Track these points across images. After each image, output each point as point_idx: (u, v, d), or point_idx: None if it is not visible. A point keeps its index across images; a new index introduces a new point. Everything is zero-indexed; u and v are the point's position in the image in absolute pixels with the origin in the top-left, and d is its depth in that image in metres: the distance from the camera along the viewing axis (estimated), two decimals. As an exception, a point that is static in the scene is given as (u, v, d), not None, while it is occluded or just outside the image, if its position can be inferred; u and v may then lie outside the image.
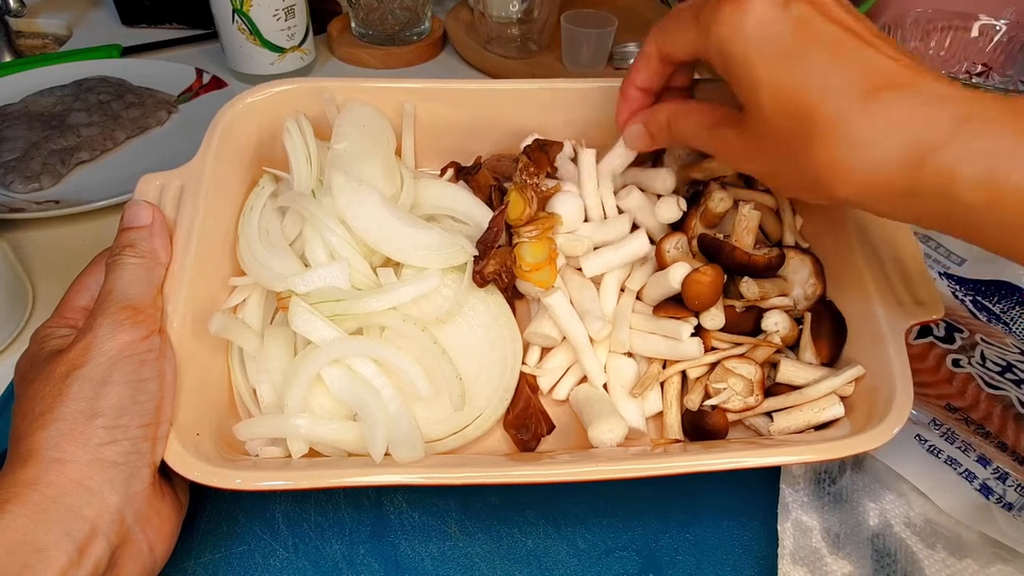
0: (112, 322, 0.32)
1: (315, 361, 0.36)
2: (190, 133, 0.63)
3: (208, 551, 0.37)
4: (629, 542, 0.38)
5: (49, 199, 0.57)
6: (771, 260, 0.41)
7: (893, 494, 0.39)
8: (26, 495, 0.28)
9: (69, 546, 0.27)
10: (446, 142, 0.50)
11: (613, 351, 0.42)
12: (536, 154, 0.45)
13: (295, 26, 0.70)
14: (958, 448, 0.39)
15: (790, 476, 0.39)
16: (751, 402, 0.39)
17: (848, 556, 0.37)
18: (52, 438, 0.29)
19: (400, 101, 0.48)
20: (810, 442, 0.36)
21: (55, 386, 0.30)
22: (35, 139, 0.60)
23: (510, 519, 0.39)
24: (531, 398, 0.41)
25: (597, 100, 0.47)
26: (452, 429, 0.39)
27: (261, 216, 0.42)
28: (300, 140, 0.42)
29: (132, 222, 0.36)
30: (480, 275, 0.40)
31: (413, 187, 0.46)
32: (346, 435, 0.36)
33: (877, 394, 0.36)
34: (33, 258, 0.53)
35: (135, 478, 0.30)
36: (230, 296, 0.41)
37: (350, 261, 0.39)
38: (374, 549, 0.37)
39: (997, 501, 0.37)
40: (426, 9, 0.80)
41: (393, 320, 0.38)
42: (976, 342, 0.44)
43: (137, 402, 0.31)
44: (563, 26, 0.73)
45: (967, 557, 0.36)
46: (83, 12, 0.87)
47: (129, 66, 0.73)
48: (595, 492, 0.40)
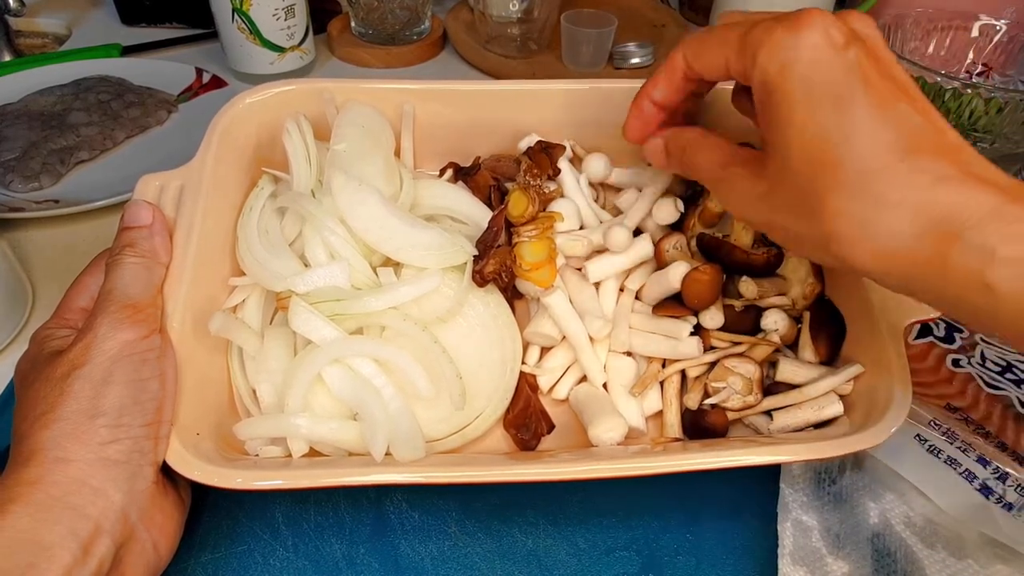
0: (112, 321, 0.32)
1: (315, 361, 0.36)
2: (190, 132, 0.63)
3: (208, 551, 0.37)
4: (629, 542, 0.38)
5: (49, 198, 0.57)
6: (770, 259, 0.41)
7: (893, 494, 0.39)
8: (29, 494, 0.28)
9: (73, 544, 0.27)
10: (445, 143, 0.50)
11: (613, 350, 0.42)
12: (538, 156, 0.45)
13: (295, 25, 0.70)
14: (958, 448, 0.39)
15: (790, 476, 0.39)
16: (750, 401, 0.39)
17: (848, 556, 0.37)
18: (54, 438, 0.29)
19: (399, 102, 0.48)
20: (809, 440, 0.36)
21: (56, 386, 0.30)
22: (35, 138, 0.60)
23: (510, 519, 0.39)
24: (531, 397, 0.41)
25: (596, 101, 0.47)
26: (452, 428, 0.39)
27: (260, 216, 0.42)
28: (300, 140, 0.42)
29: (132, 222, 0.36)
30: (480, 275, 0.40)
31: (412, 187, 0.46)
32: (346, 434, 0.36)
33: (876, 392, 0.36)
34: (32, 258, 0.53)
35: (138, 477, 0.30)
36: (230, 296, 0.41)
37: (350, 261, 0.39)
38: (374, 549, 0.37)
39: (997, 501, 0.37)
40: (426, 9, 0.80)
41: (393, 320, 0.38)
42: (976, 342, 0.44)
43: (139, 401, 0.31)
44: (563, 26, 0.73)
45: (967, 557, 0.36)
46: (83, 11, 0.87)
47: (129, 65, 0.73)
48: (595, 492, 0.40)
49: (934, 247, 0.26)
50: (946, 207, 0.25)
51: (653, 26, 0.86)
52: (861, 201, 0.27)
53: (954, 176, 0.26)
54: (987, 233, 0.25)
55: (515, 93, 0.48)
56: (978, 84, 0.64)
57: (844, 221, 0.27)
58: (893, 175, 0.26)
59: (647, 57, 0.76)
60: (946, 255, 0.26)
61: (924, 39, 0.75)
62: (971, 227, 0.25)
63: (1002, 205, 0.25)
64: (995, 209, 0.25)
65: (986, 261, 0.25)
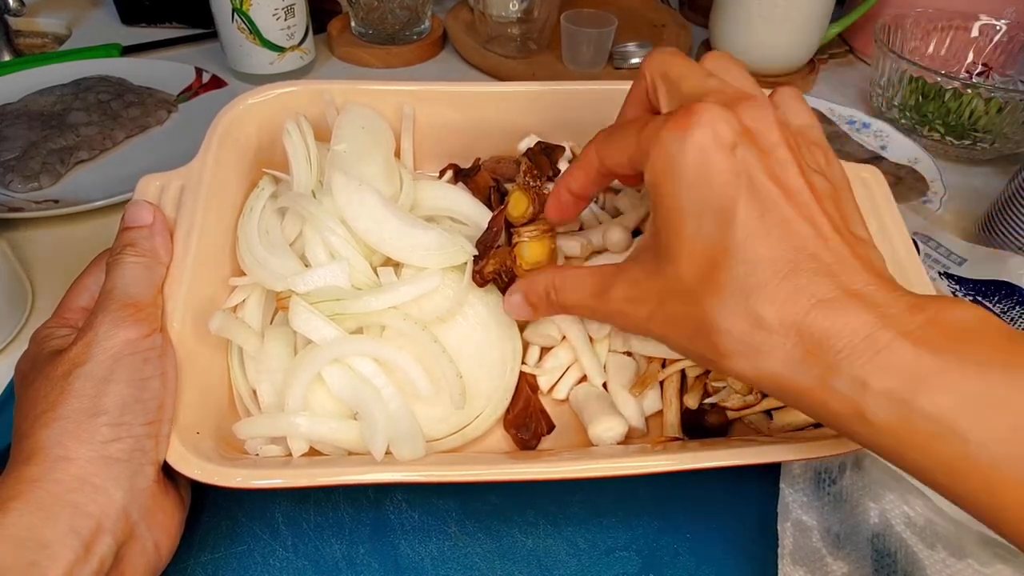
0: (113, 320, 0.32)
1: (315, 360, 0.36)
2: (190, 132, 0.63)
3: (208, 551, 0.37)
4: (629, 542, 0.38)
5: (48, 198, 0.57)
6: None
7: (893, 494, 0.39)
8: (31, 492, 0.28)
9: (75, 542, 0.27)
10: (445, 144, 0.50)
11: (613, 350, 0.42)
12: (538, 157, 0.45)
13: (295, 25, 0.70)
14: (958, 448, 0.39)
15: (790, 476, 0.39)
16: (750, 400, 0.39)
17: (848, 556, 0.37)
18: (56, 436, 0.29)
19: (399, 103, 0.48)
20: (809, 439, 0.36)
21: (57, 384, 0.30)
22: (34, 138, 0.60)
23: (510, 519, 0.39)
24: (531, 397, 0.41)
25: (595, 102, 0.47)
26: (452, 428, 0.39)
27: (261, 217, 0.42)
28: (300, 141, 0.42)
29: (133, 222, 0.36)
30: (480, 275, 0.40)
31: (412, 188, 0.46)
32: (346, 434, 0.36)
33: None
34: (32, 257, 0.53)
35: (139, 475, 0.30)
36: (230, 296, 0.41)
37: (350, 261, 0.39)
38: (374, 549, 0.37)
39: (997, 501, 0.37)
40: (426, 8, 0.80)
41: (393, 319, 0.39)
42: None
43: (140, 400, 0.31)
44: (563, 25, 0.73)
45: (967, 557, 0.36)
46: (83, 11, 0.87)
47: (129, 65, 0.73)
48: (595, 492, 0.40)
49: (812, 374, 0.25)
50: (822, 333, 0.25)
51: (653, 26, 0.86)
52: (743, 320, 0.26)
53: (833, 299, 0.25)
54: (859, 364, 0.24)
55: (515, 94, 0.48)
56: (978, 84, 0.64)
57: (728, 339, 0.27)
58: (773, 295, 0.26)
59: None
60: (824, 384, 0.25)
61: (924, 39, 0.75)
62: (844, 357, 0.25)
63: (875, 331, 0.24)
64: (868, 336, 0.24)
65: (859, 393, 0.24)
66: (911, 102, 0.68)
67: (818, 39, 0.75)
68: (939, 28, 0.74)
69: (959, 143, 0.67)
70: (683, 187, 0.27)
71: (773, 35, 0.73)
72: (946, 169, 0.64)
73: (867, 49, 0.84)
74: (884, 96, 0.71)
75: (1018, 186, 0.54)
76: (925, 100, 0.67)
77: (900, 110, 0.70)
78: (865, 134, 0.68)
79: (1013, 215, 0.54)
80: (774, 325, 0.26)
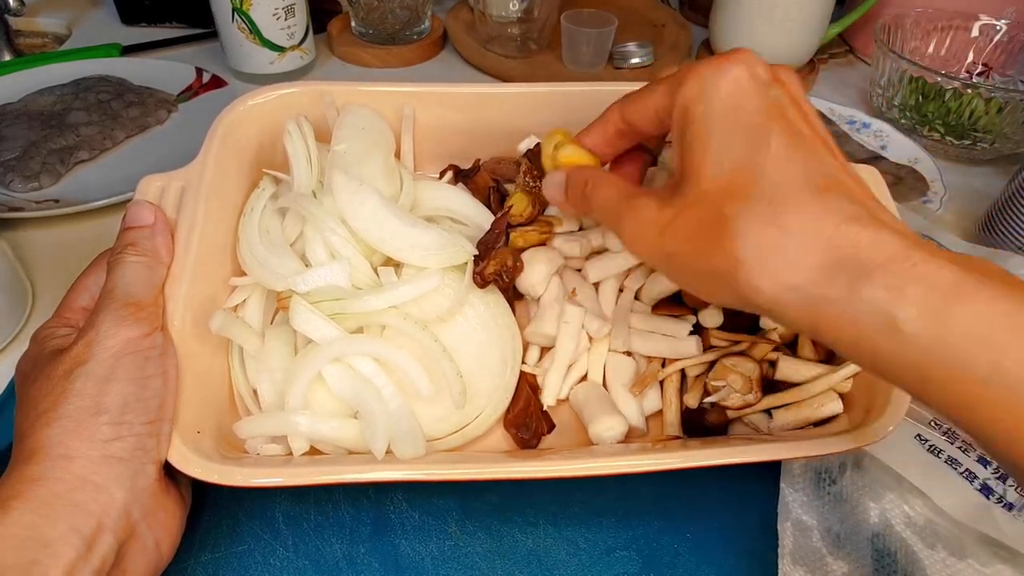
0: (114, 319, 0.32)
1: (316, 359, 0.36)
2: (190, 132, 0.63)
3: (208, 550, 0.37)
4: (629, 542, 0.38)
5: (48, 198, 0.57)
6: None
7: (893, 494, 0.39)
8: (32, 491, 0.28)
9: (76, 541, 0.27)
10: (445, 145, 0.50)
11: (613, 350, 0.42)
12: (538, 158, 0.45)
13: (295, 25, 0.70)
14: (958, 448, 0.39)
15: (790, 475, 0.39)
16: (750, 399, 0.39)
17: (848, 556, 0.37)
18: (57, 435, 0.29)
19: (400, 104, 0.48)
20: (809, 438, 0.36)
21: (58, 384, 0.30)
22: (34, 138, 0.60)
23: (510, 519, 0.39)
24: (531, 397, 0.41)
25: (595, 103, 0.47)
26: (453, 428, 0.39)
27: (262, 217, 0.42)
28: (300, 141, 0.42)
29: (134, 222, 0.37)
30: (480, 276, 0.40)
31: (412, 189, 0.46)
32: (347, 433, 0.36)
33: (875, 390, 0.36)
34: (33, 257, 0.53)
35: (140, 474, 0.30)
36: (231, 296, 0.41)
37: (350, 260, 0.39)
38: (374, 548, 0.37)
39: (997, 501, 0.37)
40: (426, 8, 0.80)
41: (394, 319, 0.39)
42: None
43: (141, 399, 0.31)
44: (563, 25, 0.73)
45: (967, 557, 0.36)
46: (83, 11, 0.87)
47: (129, 65, 0.73)
48: (595, 491, 0.40)
49: (840, 283, 0.25)
50: (854, 245, 0.25)
51: (653, 26, 0.86)
52: (769, 227, 0.26)
53: (863, 217, 0.26)
54: (894, 272, 0.24)
55: (515, 95, 0.49)
56: (978, 84, 0.64)
57: (751, 245, 0.26)
58: (803, 208, 0.26)
59: (647, 57, 0.76)
60: (852, 292, 0.25)
61: (924, 39, 0.75)
62: (878, 266, 0.25)
63: (907, 249, 0.25)
64: (901, 252, 0.25)
65: (893, 301, 0.24)
66: (911, 102, 0.68)
67: (818, 39, 0.75)
68: (939, 28, 0.74)
69: (959, 143, 0.67)
70: (715, 110, 0.28)
71: (773, 35, 0.73)
72: (946, 169, 0.64)
73: (867, 49, 0.84)
74: (884, 96, 0.71)
75: (1018, 186, 0.54)
76: (925, 100, 0.67)
77: (900, 110, 0.70)
78: (865, 134, 0.68)
79: (1013, 215, 0.54)
80: (804, 233, 0.26)
